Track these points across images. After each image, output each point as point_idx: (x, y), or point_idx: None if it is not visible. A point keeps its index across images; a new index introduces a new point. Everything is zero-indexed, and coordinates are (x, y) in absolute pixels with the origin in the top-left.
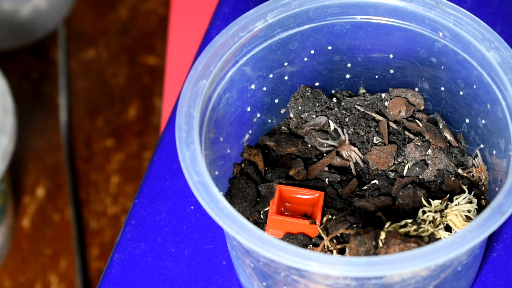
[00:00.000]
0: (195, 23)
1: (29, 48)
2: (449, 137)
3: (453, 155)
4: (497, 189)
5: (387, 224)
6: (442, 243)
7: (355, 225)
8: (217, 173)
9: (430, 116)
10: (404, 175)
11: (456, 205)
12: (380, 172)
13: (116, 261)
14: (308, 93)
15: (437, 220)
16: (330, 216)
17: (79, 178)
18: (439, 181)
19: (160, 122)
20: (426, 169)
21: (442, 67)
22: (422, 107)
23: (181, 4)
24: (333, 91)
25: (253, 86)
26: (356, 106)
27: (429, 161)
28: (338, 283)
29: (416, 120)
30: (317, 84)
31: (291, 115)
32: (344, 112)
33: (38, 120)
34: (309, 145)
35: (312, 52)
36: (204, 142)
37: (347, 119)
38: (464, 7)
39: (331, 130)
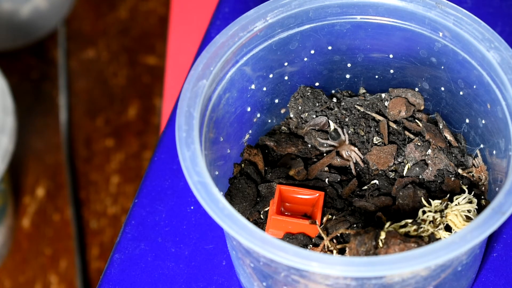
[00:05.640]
0: (195, 23)
1: (29, 48)
2: (449, 137)
3: (453, 155)
4: (497, 189)
5: (387, 224)
6: (442, 243)
7: (355, 225)
8: (217, 173)
9: (430, 116)
10: (404, 175)
11: (456, 205)
12: (380, 172)
13: (116, 261)
14: (308, 93)
15: (437, 220)
16: (330, 216)
17: (79, 178)
18: (439, 181)
19: (160, 122)
20: (426, 169)
21: (442, 67)
22: (422, 107)
23: (181, 4)
24: (333, 91)
25: (253, 86)
26: (356, 106)
27: (429, 161)
28: (338, 283)
29: (416, 120)
30: (317, 84)
31: (291, 115)
32: (344, 112)
33: (38, 120)
34: (309, 145)
35: (312, 52)
36: (204, 142)
37: (347, 119)
38: (464, 7)
39: (331, 130)
